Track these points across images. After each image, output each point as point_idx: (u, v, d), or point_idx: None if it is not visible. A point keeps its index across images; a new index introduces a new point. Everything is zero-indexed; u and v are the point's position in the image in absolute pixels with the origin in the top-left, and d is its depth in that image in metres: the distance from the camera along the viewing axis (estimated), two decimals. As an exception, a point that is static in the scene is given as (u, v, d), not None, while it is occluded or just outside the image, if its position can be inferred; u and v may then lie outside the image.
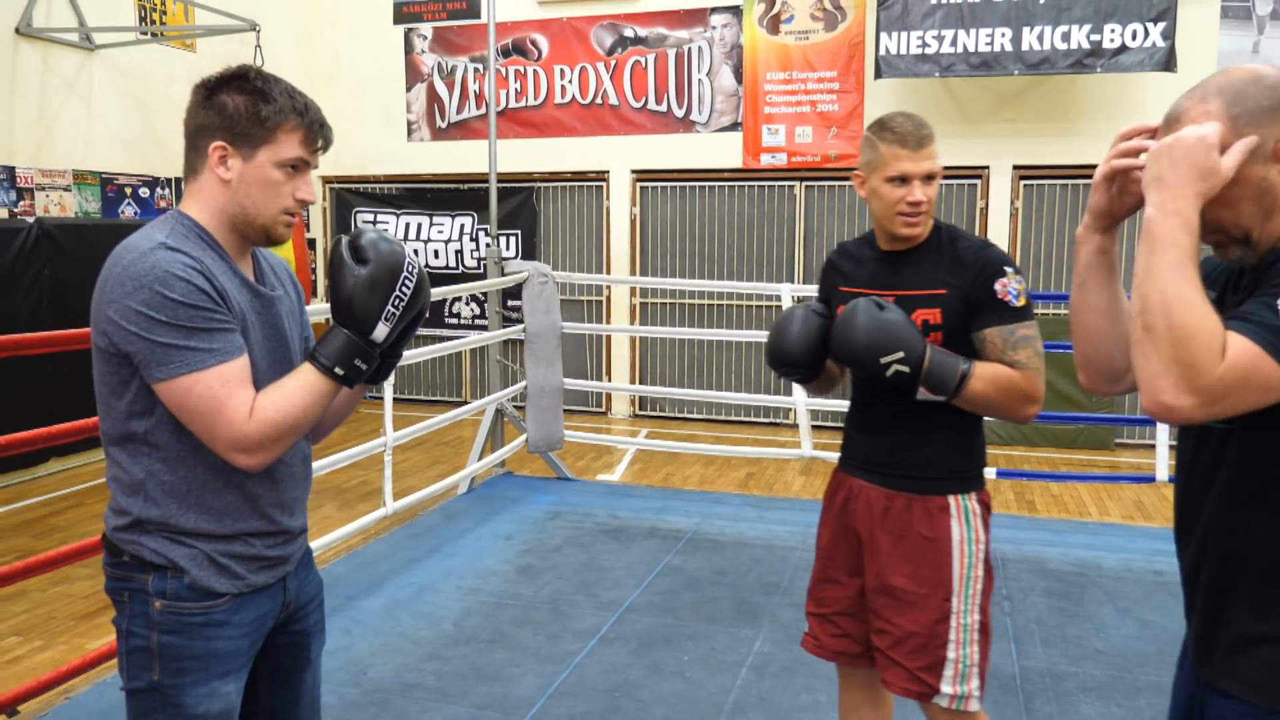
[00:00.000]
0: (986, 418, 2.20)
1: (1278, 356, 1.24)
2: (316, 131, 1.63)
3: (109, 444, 1.61)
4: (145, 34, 7.48)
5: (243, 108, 1.57)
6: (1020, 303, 2.08)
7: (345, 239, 1.62)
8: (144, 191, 7.50)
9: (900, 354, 2.00)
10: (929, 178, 2.12)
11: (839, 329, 2.08)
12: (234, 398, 1.52)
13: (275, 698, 1.78)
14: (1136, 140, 1.49)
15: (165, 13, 7.69)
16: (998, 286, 2.07)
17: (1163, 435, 5.05)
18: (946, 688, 2.14)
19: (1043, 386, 2.09)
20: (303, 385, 1.58)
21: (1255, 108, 1.33)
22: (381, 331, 1.60)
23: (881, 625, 2.20)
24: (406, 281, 1.61)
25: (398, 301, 1.60)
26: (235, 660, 1.63)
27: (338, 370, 1.58)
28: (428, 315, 1.81)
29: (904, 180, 2.11)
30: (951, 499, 2.16)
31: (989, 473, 5.51)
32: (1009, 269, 2.09)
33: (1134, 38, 6.75)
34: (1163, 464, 5.03)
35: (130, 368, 1.53)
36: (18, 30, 6.45)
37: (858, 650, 2.31)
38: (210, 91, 1.60)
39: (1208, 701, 1.47)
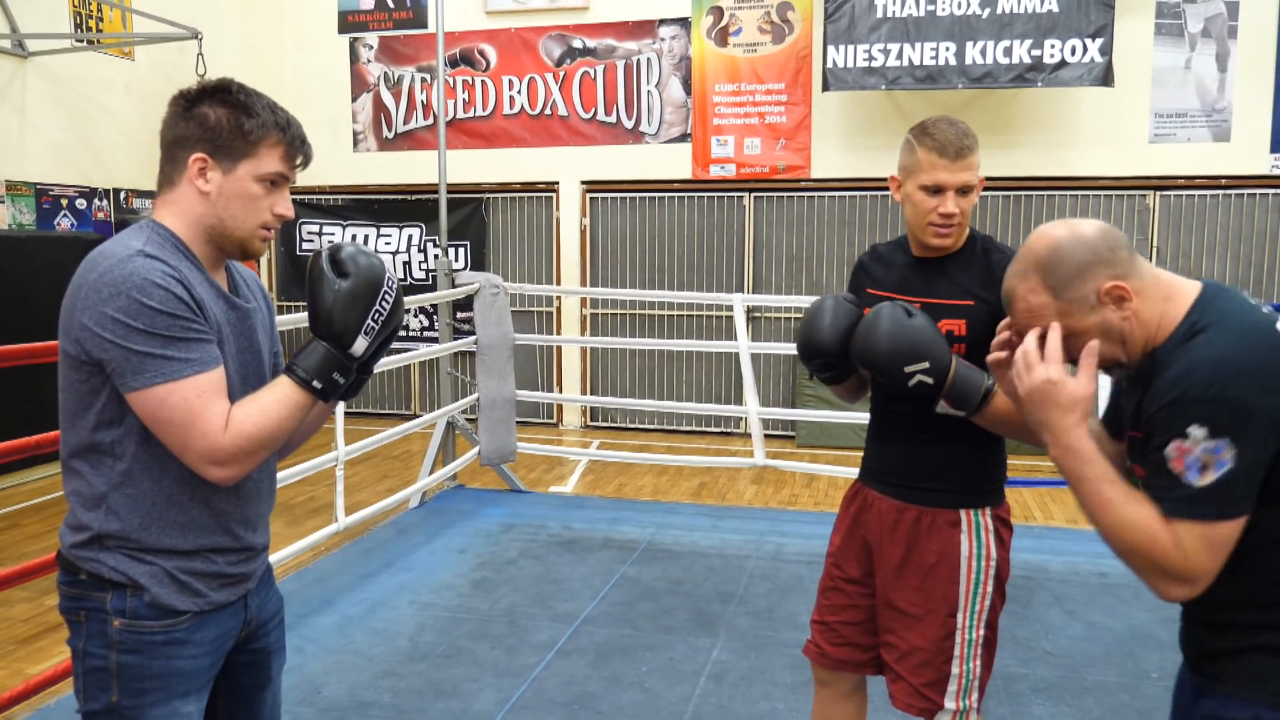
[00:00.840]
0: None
1: (1210, 515, 1.35)
2: (298, 147, 1.63)
3: (71, 456, 1.57)
4: (81, 41, 7.31)
5: (225, 120, 1.56)
6: None
7: (326, 252, 1.61)
8: (81, 203, 7.32)
9: (925, 364, 1.93)
10: (965, 190, 2.04)
11: (862, 332, 2.00)
12: (209, 409, 1.49)
13: (236, 717, 1.75)
14: (1004, 335, 1.66)
15: (102, 19, 7.52)
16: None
17: (1105, 440, 5.16)
18: (949, 703, 2.12)
19: None
20: (279, 398, 1.56)
21: (1065, 274, 1.47)
22: (361, 345, 1.59)
23: (889, 639, 2.18)
24: (386, 295, 1.61)
25: (377, 315, 1.60)
26: (196, 679, 1.60)
27: (315, 383, 1.56)
28: (401, 330, 1.80)
29: (938, 190, 2.03)
30: (963, 513, 2.11)
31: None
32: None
33: (1073, 53, 6.93)
34: (1106, 468, 5.13)
35: (101, 376, 1.50)
36: (-52, 36, 6.26)
37: (861, 659, 2.28)
38: (190, 103, 1.59)
39: (1203, 701, 1.52)
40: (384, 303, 1.60)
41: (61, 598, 1.60)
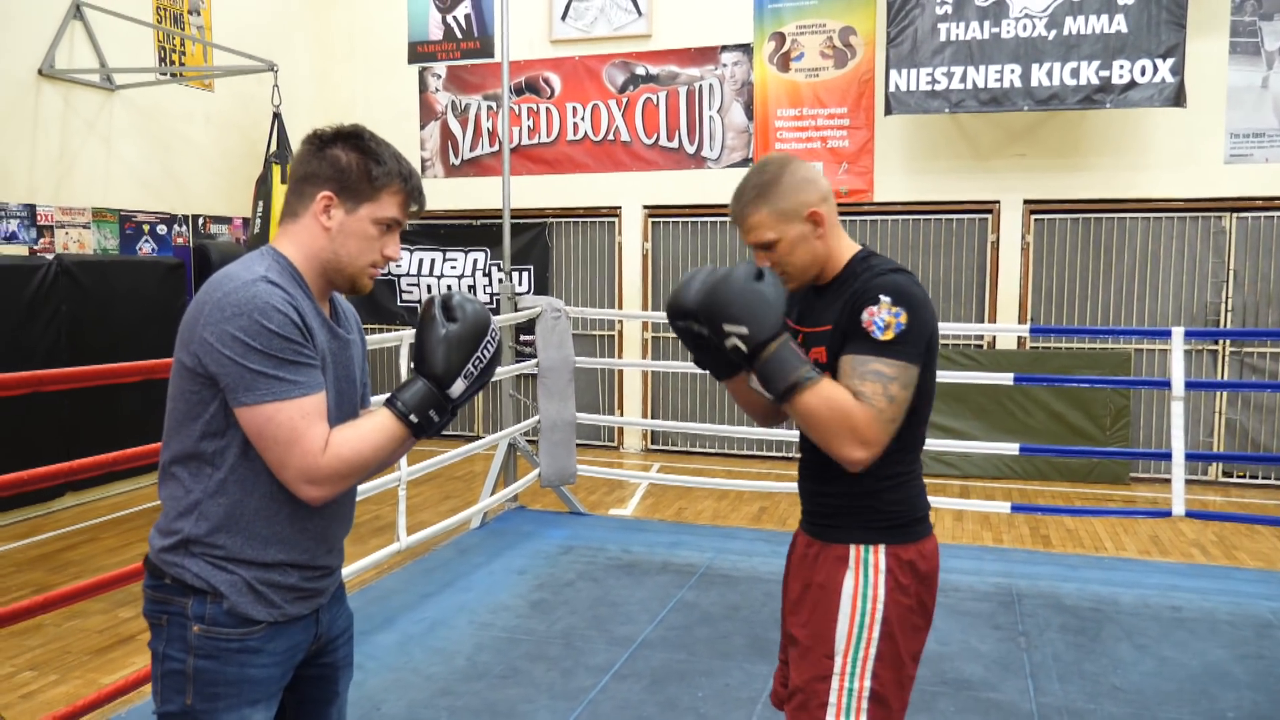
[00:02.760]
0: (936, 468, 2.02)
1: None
2: (415, 197, 1.75)
3: (171, 461, 1.66)
4: (165, 74, 7.61)
5: (355, 164, 1.68)
6: (884, 336, 1.82)
7: (440, 297, 1.71)
8: (161, 229, 7.59)
9: (744, 329, 1.81)
10: (766, 247, 1.95)
11: (708, 279, 1.89)
12: (312, 429, 1.58)
13: None
14: None
15: (184, 53, 7.83)
16: (865, 314, 1.84)
17: (1178, 470, 5.01)
18: None
19: (881, 434, 1.82)
20: (378, 427, 1.64)
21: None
22: (459, 388, 1.68)
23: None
24: (489, 344, 1.70)
25: (478, 361, 1.69)
26: (267, 688, 1.67)
27: (413, 418, 1.65)
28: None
29: (754, 250, 2.00)
30: (852, 549, 1.94)
31: (1001, 506, 5.50)
32: (886, 297, 1.84)
33: (1143, 74, 6.80)
34: (1179, 499, 4.99)
35: (213, 389, 1.59)
36: (40, 71, 6.57)
37: None
38: (324, 143, 1.70)
39: None
40: (486, 350, 1.70)
41: (146, 601, 1.68)
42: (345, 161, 1.68)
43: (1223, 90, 7.17)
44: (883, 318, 1.83)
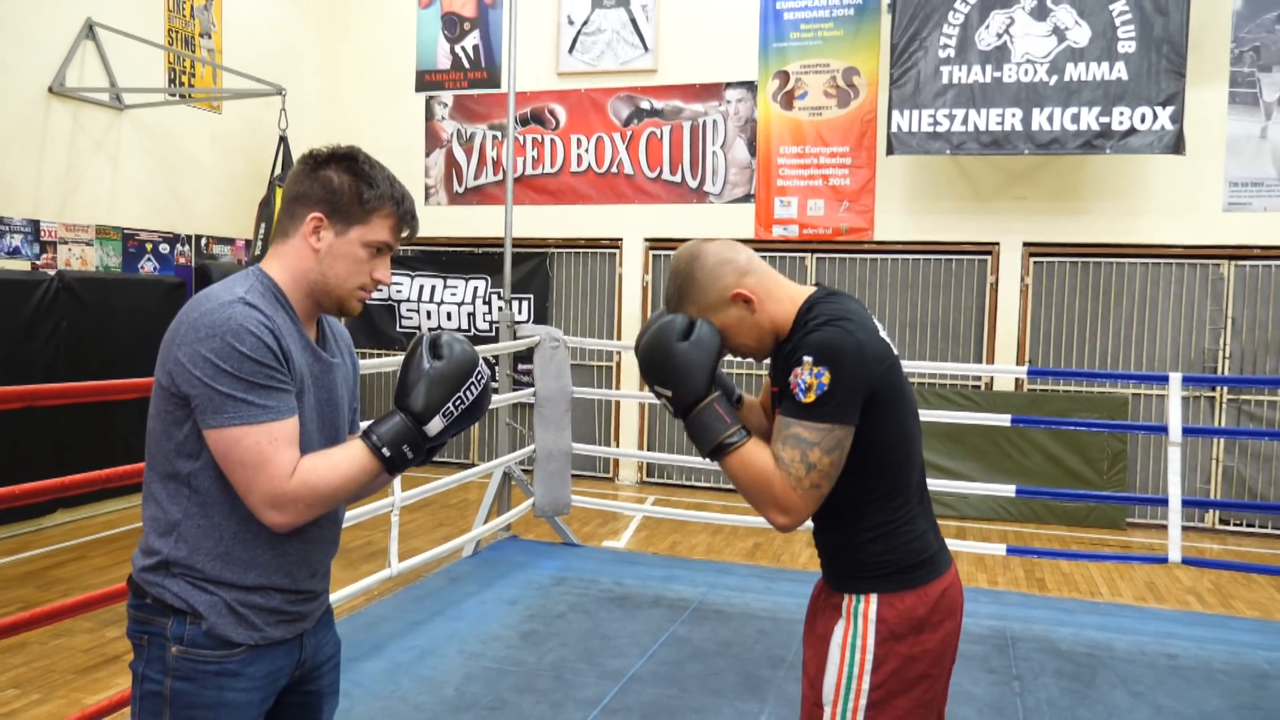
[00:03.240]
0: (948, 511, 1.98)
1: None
2: (407, 221, 1.74)
3: (152, 480, 1.65)
4: (174, 95, 7.66)
5: (347, 186, 1.67)
6: (806, 399, 1.76)
7: (428, 334, 1.70)
8: (164, 248, 7.61)
9: (669, 391, 1.86)
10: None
11: (643, 334, 1.91)
12: (279, 455, 1.56)
13: None
14: None
15: (194, 75, 7.89)
16: (792, 375, 1.79)
17: (1175, 516, 4.99)
18: None
19: (800, 502, 1.78)
20: (349, 458, 1.62)
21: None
22: (436, 425, 1.66)
23: None
24: (473, 385, 1.68)
25: (459, 402, 1.67)
26: (246, 713, 1.64)
27: (386, 451, 1.63)
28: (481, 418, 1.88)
29: None
30: (845, 599, 1.90)
31: (997, 549, 5.48)
32: (808, 357, 1.77)
33: (1143, 120, 6.86)
34: (1175, 545, 4.97)
35: (186, 409, 1.58)
36: (51, 89, 6.62)
37: None
38: (318, 164, 1.69)
39: None
40: (469, 391, 1.68)
41: (130, 622, 1.66)
42: (337, 183, 1.67)
43: (1222, 139, 7.23)
44: (804, 379, 1.77)
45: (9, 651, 4.20)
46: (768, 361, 2.01)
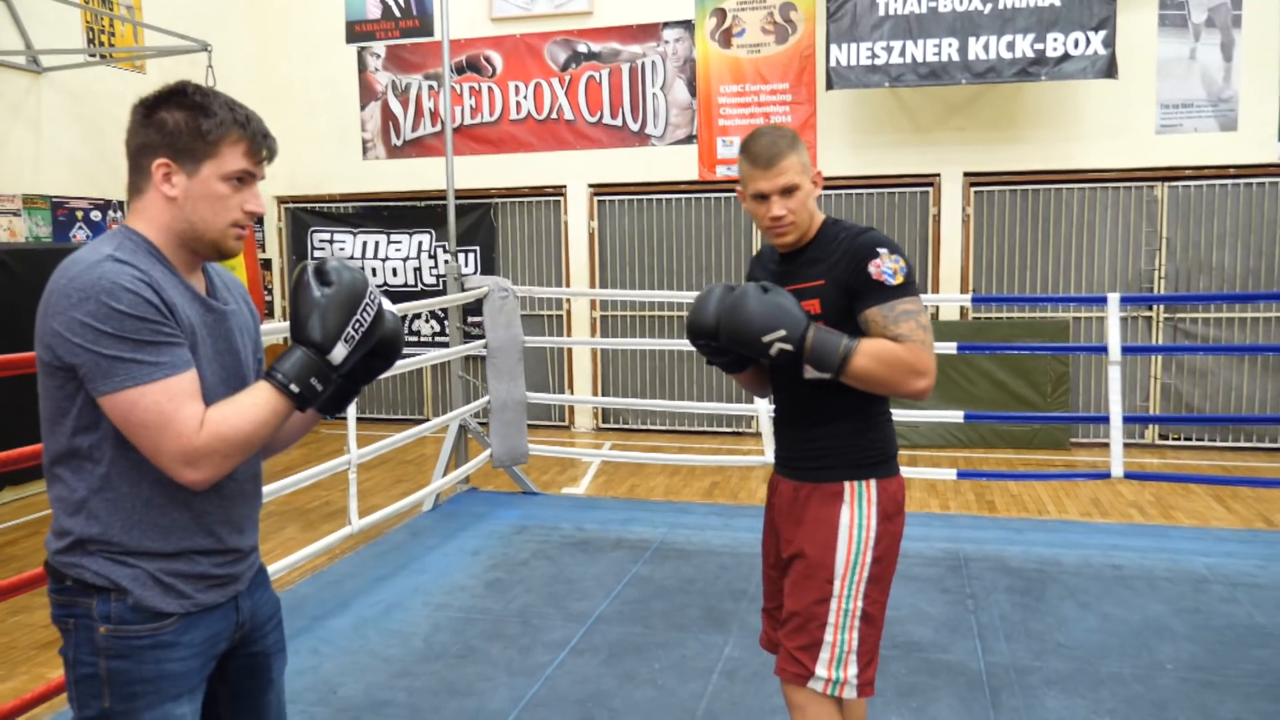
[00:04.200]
0: (891, 400, 2.25)
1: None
2: (260, 142, 1.61)
3: (52, 463, 1.58)
4: (94, 56, 7.39)
5: (183, 123, 1.56)
6: (897, 280, 2.09)
7: (311, 263, 1.63)
8: (96, 215, 7.40)
9: (782, 331, 2.06)
10: (787, 191, 2.15)
11: (727, 309, 2.12)
12: (181, 411, 1.49)
13: None
14: None
15: (114, 34, 7.61)
16: (871, 268, 2.09)
17: (1116, 433, 5.16)
18: (821, 670, 2.15)
19: (930, 360, 2.10)
20: (257, 401, 1.56)
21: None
22: (340, 353, 1.60)
23: (782, 609, 2.28)
24: (368, 307, 1.63)
25: (358, 325, 1.61)
26: (188, 681, 1.60)
27: (293, 388, 1.56)
28: (400, 354, 1.84)
29: (763, 197, 2.17)
30: (847, 485, 2.20)
31: (947, 474, 5.61)
32: (882, 249, 2.11)
33: (1076, 46, 6.92)
34: (1117, 461, 5.13)
35: (75, 382, 1.50)
36: (-38, 54, 6.35)
37: None
38: (149, 110, 1.59)
39: None
40: (365, 313, 1.62)
41: (52, 606, 1.60)
42: (173, 123, 1.56)
43: (1153, 62, 7.34)
44: (889, 266, 2.09)
45: (-34, 631, 4.15)
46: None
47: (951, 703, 3.32)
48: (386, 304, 1.72)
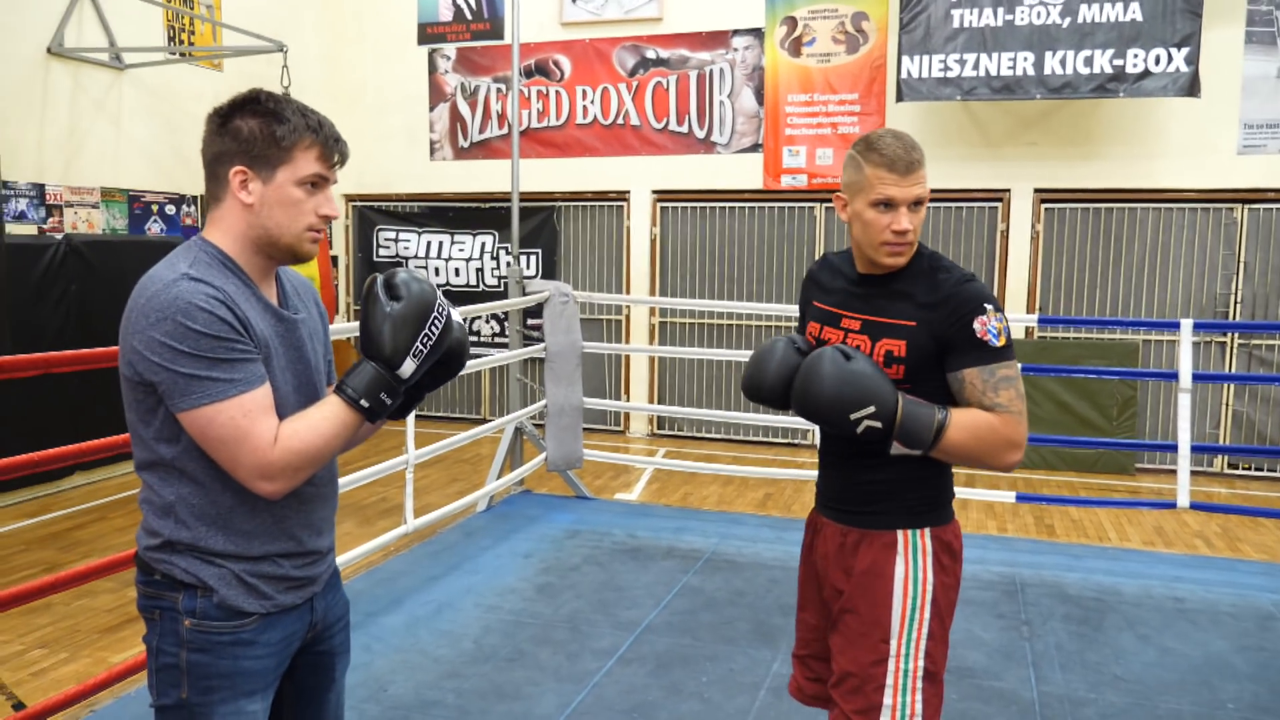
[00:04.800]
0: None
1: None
2: (332, 147, 1.65)
3: (140, 468, 1.64)
4: (174, 54, 7.60)
5: (257, 130, 1.60)
6: (1000, 342, 1.93)
7: (381, 277, 1.65)
8: (170, 209, 7.60)
9: (871, 408, 1.87)
10: (916, 204, 1.96)
11: (802, 381, 1.94)
12: (257, 426, 1.54)
13: (299, 717, 1.80)
14: None
15: (194, 33, 7.81)
16: (977, 325, 1.92)
17: (1184, 461, 5.01)
18: None
19: (1025, 432, 1.94)
20: (328, 416, 1.60)
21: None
22: (409, 367, 1.62)
23: (832, 665, 2.13)
24: (436, 321, 1.64)
25: (426, 340, 1.63)
26: (262, 679, 1.66)
27: (364, 403, 1.60)
28: (465, 364, 1.85)
29: (890, 206, 1.95)
30: (900, 534, 2.02)
31: (1006, 496, 5.50)
32: (989, 306, 1.94)
33: (1157, 63, 6.75)
34: (1184, 490, 4.99)
35: (156, 396, 1.55)
36: (49, 50, 6.57)
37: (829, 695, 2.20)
38: (224, 118, 1.63)
39: None
40: (434, 327, 1.63)
41: (139, 596, 1.67)
42: (247, 130, 1.60)
43: (1237, 80, 7.12)
44: (994, 326, 1.94)
45: (35, 613, 4.28)
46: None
47: (1004, 734, 3.24)
48: (454, 314, 1.72)
